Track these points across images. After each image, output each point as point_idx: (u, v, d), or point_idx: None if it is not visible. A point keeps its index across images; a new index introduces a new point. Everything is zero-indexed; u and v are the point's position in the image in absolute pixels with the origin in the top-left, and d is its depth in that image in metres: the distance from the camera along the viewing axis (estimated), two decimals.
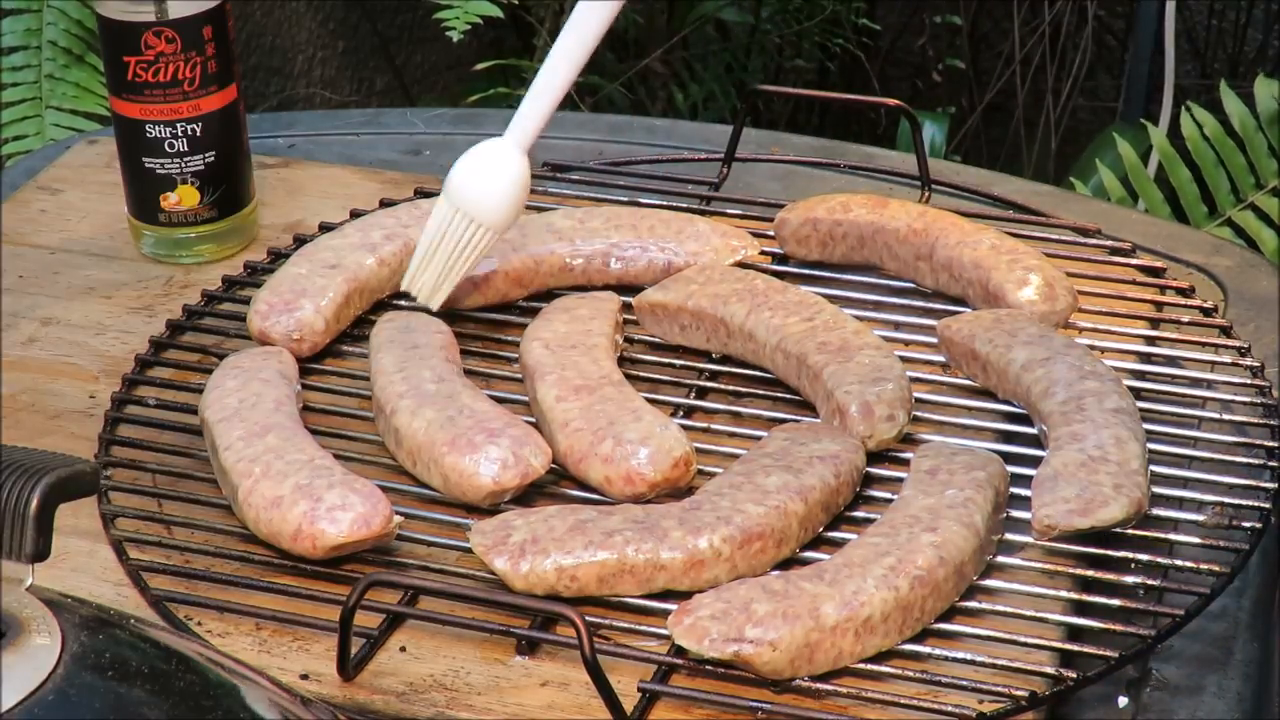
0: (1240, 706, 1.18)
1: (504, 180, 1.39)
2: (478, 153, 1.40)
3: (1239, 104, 2.46)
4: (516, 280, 1.51)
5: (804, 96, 3.72)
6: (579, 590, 1.19)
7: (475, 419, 1.29)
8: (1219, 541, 1.24)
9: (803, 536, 1.24)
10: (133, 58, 1.55)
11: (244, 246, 1.65)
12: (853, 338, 1.38)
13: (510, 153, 1.39)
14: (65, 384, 1.47)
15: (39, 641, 0.79)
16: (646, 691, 1.14)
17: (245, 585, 1.23)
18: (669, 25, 3.44)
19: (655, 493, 1.28)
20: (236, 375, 1.36)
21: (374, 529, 1.22)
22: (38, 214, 1.71)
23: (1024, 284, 1.44)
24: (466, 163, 1.40)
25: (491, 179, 1.39)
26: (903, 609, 1.15)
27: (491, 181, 1.39)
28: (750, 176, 1.74)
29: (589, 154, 1.79)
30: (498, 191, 1.38)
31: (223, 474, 1.29)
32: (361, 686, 1.16)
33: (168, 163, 1.59)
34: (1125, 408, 1.30)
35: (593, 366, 1.37)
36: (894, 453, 1.33)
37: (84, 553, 1.27)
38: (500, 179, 1.39)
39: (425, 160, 1.81)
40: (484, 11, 2.41)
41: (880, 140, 3.45)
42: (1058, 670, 1.14)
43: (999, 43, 3.71)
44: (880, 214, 1.53)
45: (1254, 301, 1.56)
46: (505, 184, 1.39)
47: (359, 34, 3.33)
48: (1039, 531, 1.22)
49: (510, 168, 1.39)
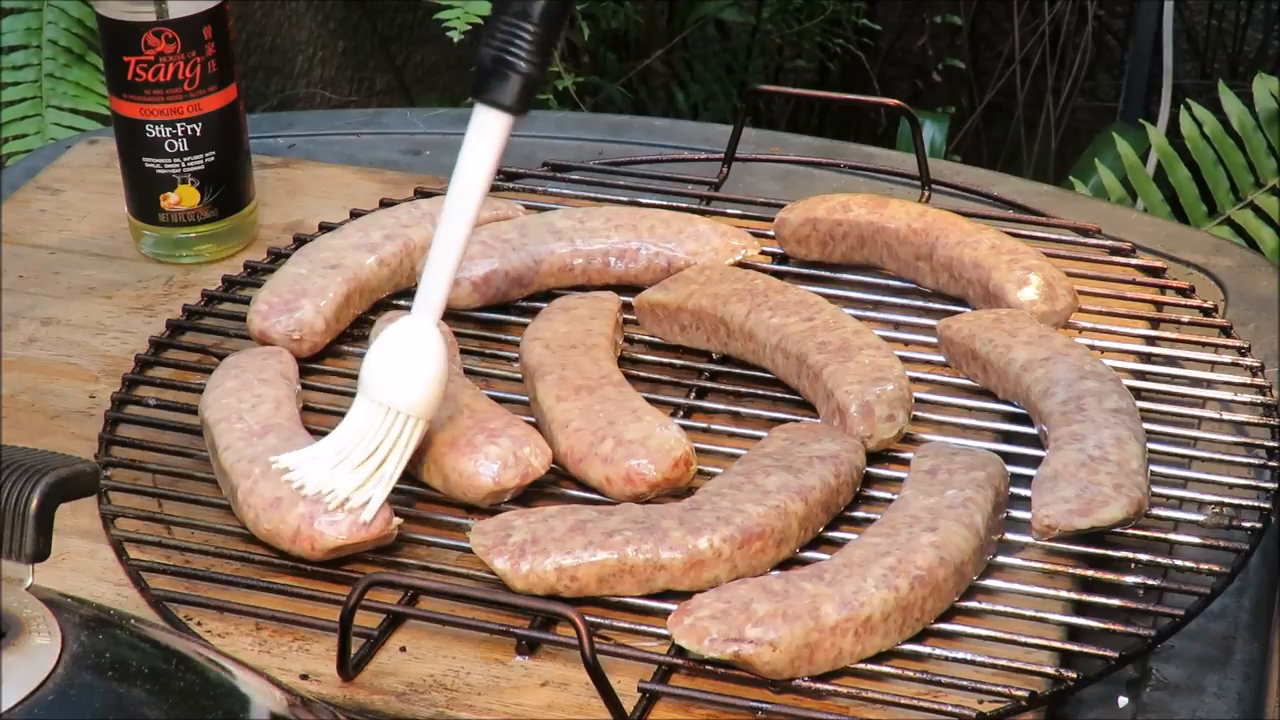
0: (1240, 706, 1.18)
1: (426, 363, 1.25)
2: (389, 339, 1.27)
3: (1237, 103, 2.46)
4: (516, 280, 1.51)
5: (804, 96, 3.72)
6: (579, 590, 1.19)
7: (475, 419, 1.29)
8: (1219, 541, 1.24)
9: (803, 536, 1.24)
10: (133, 58, 1.55)
11: (244, 246, 1.65)
12: (853, 338, 1.38)
13: (424, 330, 1.26)
14: (65, 384, 1.47)
15: (39, 641, 0.79)
16: (646, 691, 1.14)
17: (245, 585, 1.23)
18: (669, 25, 3.44)
19: (655, 493, 1.28)
20: (236, 375, 1.36)
21: (374, 530, 1.22)
22: (38, 214, 1.71)
23: (1024, 284, 1.44)
24: (380, 353, 1.26)
25: (411, 364, 1.25)
26: (903, 609, 1.15)
27: (412, 367, 1.25)
28: (750, 176, 1.74)
29: (589, 154, 1.79)
30: (422, 377, 1.25)
31: (222, 474, 1.29)
32: (361, 686, 1.16)
33: (168, 163, 1.59)
34: (1125, 408, 1.30)
35: (593, 366, 1.37)
36: (894, 453, 1.33)
37: (84, 553, 1.27)
38: (421, 362, 1.25)
39: (425, 160, 1.81)
40: (484, 11, 2.41)
41: (880, 140, 3.45)
42: (1058, 670, 1.14)
43: (999, 43, 3.71)
44: (880, 214, 1.53)
45: (1254, 301, 1.56)
46: (427, 367, 1.25)
47: (359, 34, 3.33)
48: (1039, 531, 1.22)
49: (428, 347, 1.26)
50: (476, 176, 1.25)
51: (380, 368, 1.26)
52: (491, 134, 1.24)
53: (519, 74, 1.22)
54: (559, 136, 1.85)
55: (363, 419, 1.25)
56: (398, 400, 1.24)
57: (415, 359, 1.25)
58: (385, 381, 1.25)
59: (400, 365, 1.25)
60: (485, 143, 1.24)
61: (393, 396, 1.25)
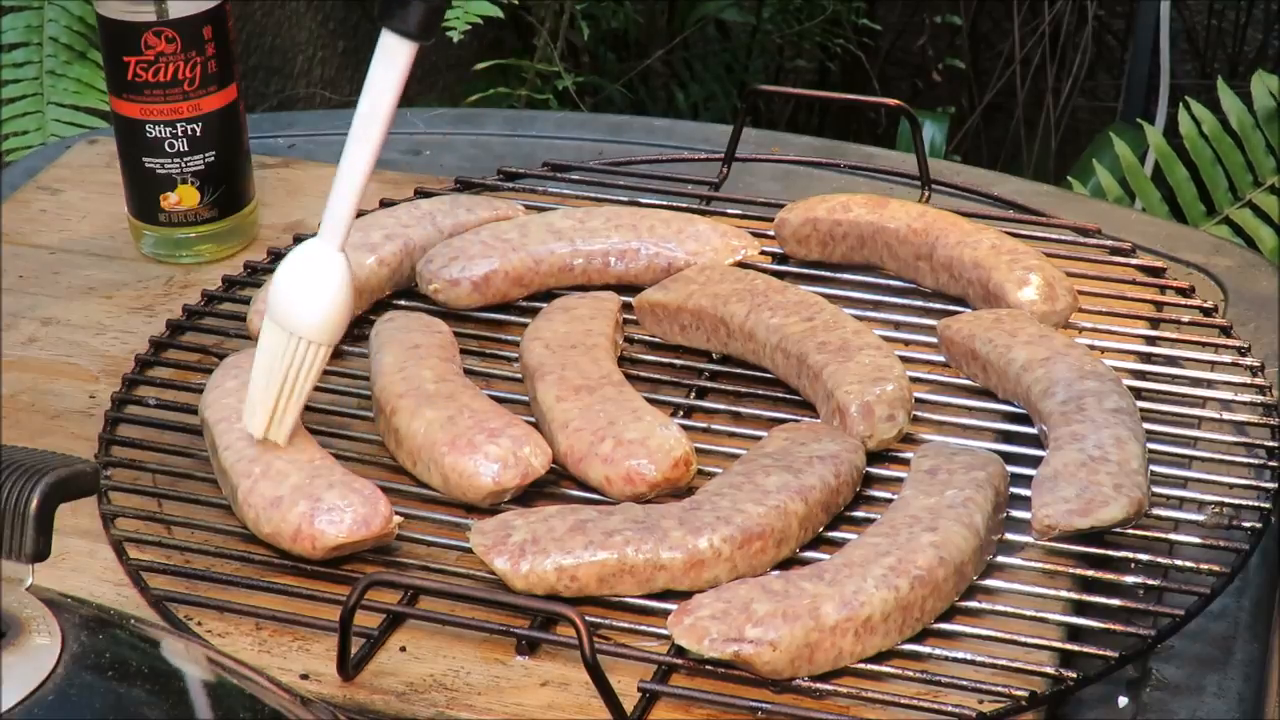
0: (1240, 706, 1.18)
1: (328, 288, 1.26)
2: (293, 263, 1.28)
3: (1236, 102, 2.46)
4: (516, 280, 1.51)
5: (804, 96, 3.73)
6: (579, 590, 1.19)
7: (475, 419, 1.29)
8: (1219, 541, 1.24)
9: (803, 536, 1.24)
10: (133, 58, 1.55)
11: (244, 246, 1.65)
12: (853, 338, 1.38)
13: (328, 254, 1.27)
14: (65, 384, 1.47)
15: (39, 641, 0.79)
16: (646, 691, 1.14)
17: (245, 585, 1.23)
18: (669, 25, 3.45)
19: (655, 493, 1.28)
20: (236, 375, 1.36)
21: (374, 529, 1.22)
22: (38, 214, 1.71)
23: (1024, 284, 1.44)
24: (283, 276, 1.28)
25: (313, 289, 1.26)
26: (903, 609, 1.15)
27: (314, 291, 1.26)
28: (750, 176, 1.74)
29: (589, 154, 1.79)
30: (323, 301, 1.26)
31: (222, 474, 1.29)
32: (361, 686, 1.16)
33: (168, 163, 1.59)
34: (1125, 408, 1.30)
35: (593, 366, 1.37)
36: (894, 453, 1.33)
37: (84, 553, 1.27)
38: (323, 287, 1.26)
39: (425, 160, 1.81)
40: (484, 11, 2.41)
41: (880, 140, 3.45)
42: (1058, 670, 1.14)
43: (999, 43, 3.71)
44: (880, 214, 1.53)
45: (1254, 301, 1.56)
46: (329, 292, 1.26)
47: (359, 34, 3.32)
48: (1039, 531, 1.22)
49: (331, 272, 1.26)
50: (381, 103, 1.25)
51: (283, 293, 1.27)
52: (396, 61, 1.24)
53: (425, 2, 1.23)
54: (559, 136, 1.85)
55: (270, 345, 1.27)
56: (299, 326, 1.26)
57: (317, 284, 1.26)
58: (288, 307, 1.27)
59: (302, 290, 1.26)
60: (390, 70, 1.24)
61: (295, 322, 1.26)
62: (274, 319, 1.27)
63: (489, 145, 1.83)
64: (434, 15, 1.24)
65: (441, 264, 1.50)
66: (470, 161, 1.79)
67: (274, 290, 1.28)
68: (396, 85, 1.25)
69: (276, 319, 1.27)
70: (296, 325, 1.26)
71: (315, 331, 1.26)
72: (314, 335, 1.26)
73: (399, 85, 1.25)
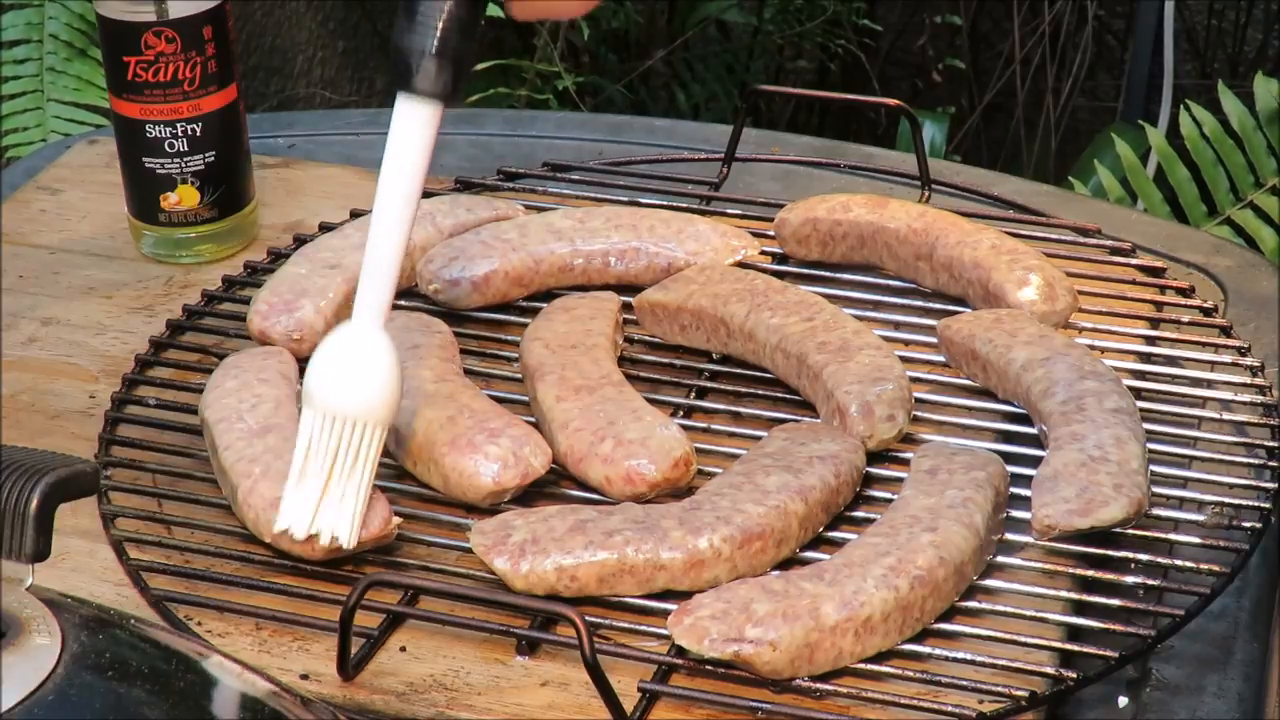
0: (1240, 706, 1.18)
1: (375, 367, 1.19)
2: (332, 347, 1.20)
3: (1237, 103, 2.46)
4: (516, 280, 1.51)
5: (804, 96, 3.73)
6: (579, 590, 1.19)
7: (475, 419, 1.29)
8: (1219, 541, 1.23)
9: (803, 536, 1.24)
10: (133, 58, 1.55)
11: (244, 246, 1.65)
12: (853, 338, 1.38)
13: (369, 334, 1.19)
14: (65, 384, 1.47)
15: (39, 641, 0.79)
16: (646, 691, 1.14)
17: (245, 585, 1.23)
18: (670, 26, 3.45)
19: (655, 493, 1.28)
20: (236, 375, 1.36)
21: (374, 529, 1.22)
22: (38, 214, 1.71)
23: (1024, 284, 1.44)
24: (324, 361, 1.19)
25: (362, 370, 1.19)
26: (903, 609, 1.15)
27: (363, 370, 1.18)
28: (750, 176, 1.74)
29: (589, 154, 1.79)
30: (375, 381, 1.18)
31: (222, 474, 1.29)
32: (361, 686, 1.16)
33: (168, 163, 1.59)
34: (1125, 408, 1.30)
35: (593, 366, 1.37)
36: (894, 453, 1.33)
37: (84, 553, 1.27)
38: (370, 366, 1.19)
39: None
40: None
41: (880, 140, 3.45)
42: (1058, 670, 1.14)
43: (999, 43, 3.71)
44: (880, 214, 1.53)
45: (1254, 301, 1.56)
46: (378, 370, 1.19)
47: (359, 34, 3.32)
48: (1039, 531, 1.22)
49: (376, 351, 1.19)
50: (410, 174, 1.17)
51: (327, 376, 1.19)
52: (423, 124, 1.16)
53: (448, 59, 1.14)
54: (559, 136, 1.85)
55: (315, 434, 1.19)
56: (350, 407, 1.18)
57: (365, 363, 1.19)
58: (341, 391, 1.18)
59: (350, 371, 1.19)
60: (417, 136, 1.16)
61: (344, 404, 1.18)
62: (317, 407, 1.18)
63: (489, 145, 1.83)
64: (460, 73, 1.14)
65: (441, 264, 1.50)
66: (470, 161, 1.79)
67: (316, 376, 1.19)
68: (427, 153, 1.16)
69: (320, 406, 1.18)
70: (346, 407, 1.18)
71: (373, 412, 1.18)
72: (371, 416, 1.18)
73: (428, 154, 1.17)
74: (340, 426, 1.18)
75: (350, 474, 1.19)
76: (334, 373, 1.19)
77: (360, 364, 1.19)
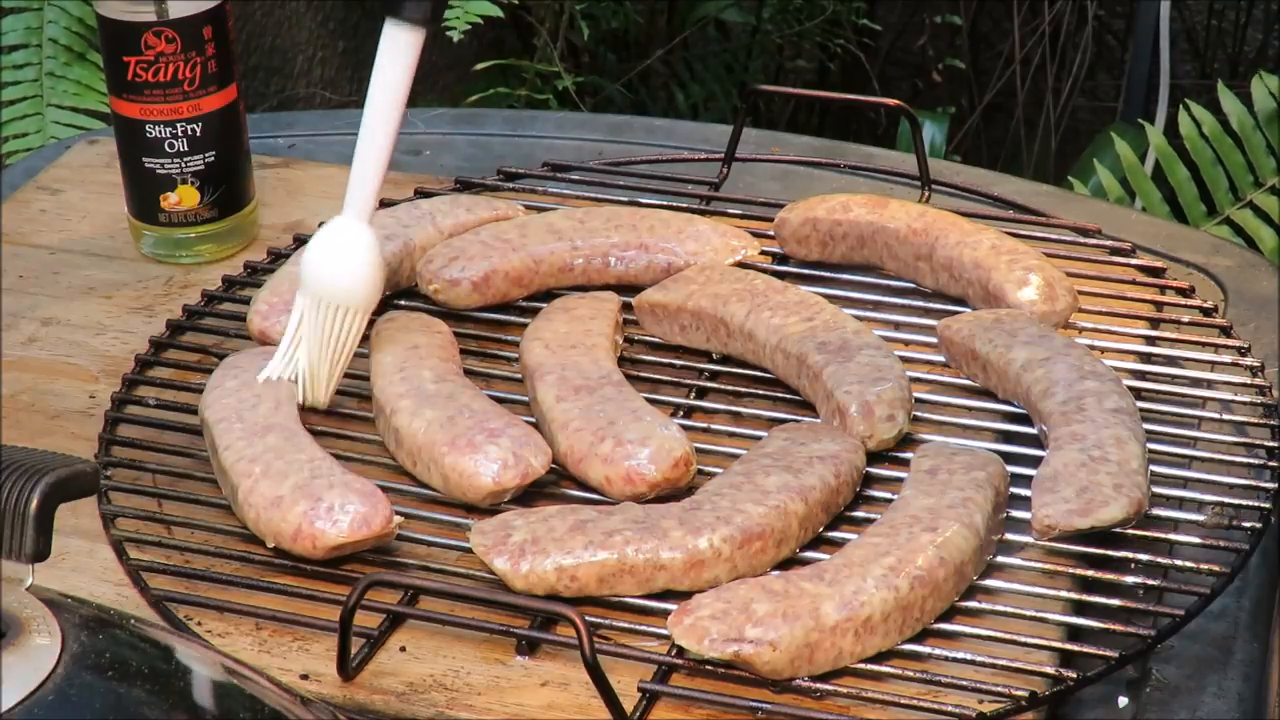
0: (1240, 706, 1.18)
1: (358, 256, 1.34)
2: (322, 238, 1.35)
3: (1236, 103, 2.46)
4: (516, 280, 1.51)
5: (804, 96, 3.73)
6: (579, 590, 1.19)
7: (475, 419, 1.30)
8: (1219, 541, 1.23)
9: (803, 536, 1.24)
10: (133, 58, 1.55)
11: (244, 246, 1.65)
12: (853, 338, 1.38)
13: (355, 227, 1.35)
14: (65, 384, 1.47)
15: (39, 641, 0.79)
16: (646, 691, 1.14)
17: (245, 585, 1.23)
18: (669, 25, 3.45)
19: (655, 493, 1.28)
20: (236, 375, 1.36)
21: (374, 529, 1.22)
22: (38, 214, 1.71)
23: (1024, 284, 1.44)
24: (315, 250, 1.35)
25: (346, 258, 1.34)
26: (903, 609, 1.15)
27: (348, 261, 1.34)
28: (750, 176, 1.74)
29: (589, 154, 1.79)
30: (356, 269, 1.34)
31: (223, 474, 1.29)
32: (361, 686, 1.16)
33: (168, 163, 1.59)
34: (1125, 408, 1.30)
35: (593, 366, 1.37)
36: (894, 453, 1.33)
37: (84, 553, 1.27)
38: (354, 256, 1.34)
39: (425, 160, 1.81)
40: (484, 11, 2.41)
41: (880, 140, 3.45)
42: (1058, 670, 1.14)
43: (999, 43, 3.72)
44: (880, 214, 1.53)
45: (1254, 301, 1.56)
46: (361, 260, 1.34)
47: (359, 34, 3.32)
48: (1039, 531, 1.22)
49: (360, 242, 1.35)
50: (395, 89, 1.32)
51: (318, 266, 1.34)
52: (406, 49, 1.32)
53: None
54: (559, 136, 1.85)
55: (308, 313, 1.34)
56: (338, 294, 1.33)
57: (349, 254, 1.34)
58: (324, 279, 1.34)
59: (336, 262, 1.34)
60: (402, 58, 1.32)
61: (333, 291, 1.33)
62: (310, 293, 1.34)
63: (489, 145, 1.83)
64: (440, 3, 1.31)
65: (441, 264, 1.50)
66: (470, 161, 1.79)
67: (307, 265, 1.35)
68: (409, 72, 1.32)
69: (313, 292, 1.34)
70: (335, 294, 1.33)
71: (353, 297, 1.34)
72: (352, 301, 1.34)
73: (411, 73, 1.32)
74: (327, 309, 1.34)
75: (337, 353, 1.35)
76: (322, 262, 1.35)
77: (346, 254, 1.34)
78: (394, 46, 1.32)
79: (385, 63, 1.32)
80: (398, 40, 1.32)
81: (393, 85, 1.32)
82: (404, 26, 1.31)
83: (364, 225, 1.35)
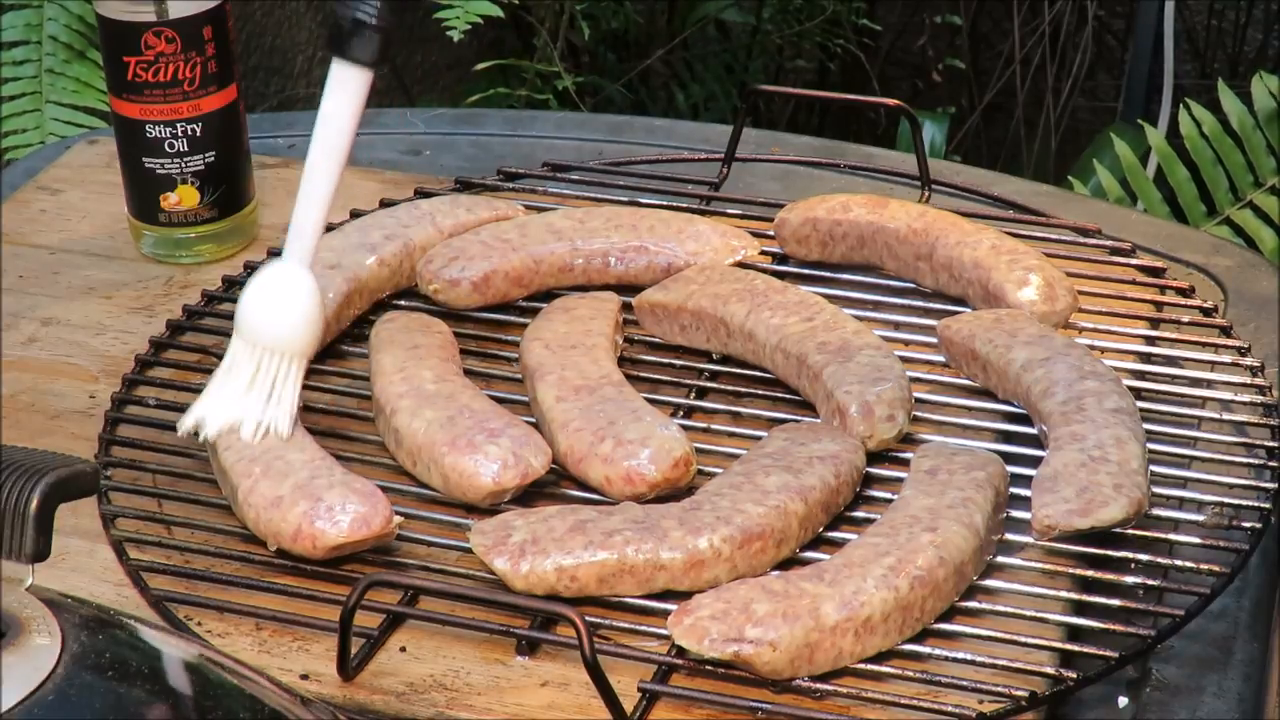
0: (1240, 706, 1.18)
1: (299, 303, 1.30)
2: (262, 282, 1.31)
3: (1237, 103, 2.45)
4: (516, 280, 1.51)
5: (804, 96, 3.72)
6: (579, 590, 1.19)
7: (475, 419, 1.30)
8: (1219, 541, 1.24)
9: (803, 536, 1.24)
10: (133, 58, 1.55)
11: (244, 246, 1.65)
12: (853, 338, 1.38)
13: (295, 272, 1.31)
14: (65, 384, 1.47)
15: (39, 641, 0.79)
16: (646, 691, 1.14)
17: (245, 585, 1.23)
18: (669, 26, 3.45)
19: (655, 493, 1.28)
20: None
21: (374, 529, 1.22)
22: (38, 214, 1.71)
23: (1024, 284, 1.44)
24: (253, 295, 1.31)
25: (284, 303, 1.30)
26: (903, 609, 1.15)
27: (285, 306, 1.30)
28: (750, 176, 1.74)
29: (589, 154, 1.79)
30: (295, 315, 1.30)
31: (222, 474, 1.29)
32: (361, 686, 1.16)
33: (168, 163, 1.59)
34: (1125, 408, 1.30)
35: (593, 366, 1.37)
36: (894, 453, 1.33)
37: (84, 553, 1.27)
38: (294, 302, 1.30)
39: (425, 160, 1.81)
40: (484, 11, 2.41)
41: (880, 140, 3.45)
42: (1058, 670, 1.14)
43: (999, 43, 3.71)
44: (880, 214, 1.53)
45: (1254, 301, 1.56)
46: (301, 306, 1.30)
47: None
48: (1039, 531, 1.22)
49: (300, 288, 1.31)
50: (341, 131, 1.30)
51: (254, 309, 1.30)
52: (353, 90, 1.29)
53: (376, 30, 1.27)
54: (559, 136, 1.85)
55: (242, 360, 1.30)
56: (271, 340, 1.29)
57: (287, 299, 1.30)
58: (263, 323, 1.30)
59: (272, 306, 1.30)
60: (347, 98, 1.29)
61: (266, 337, 1.29)
62: (244, 335, 1.30)
63: (489, 145, 1.83)
64: (389, 44, 1.28)
65: (441, 264, 1.50)
66: (470, 161, 1.79)
67: (244, 308, 1.31)
68: (356, 114, 1.29)
69: (247, 335, 1.30)
70: (272, 340, 1.29)
71: (292, 344, 1.30)
72: (290, 348, 1.30)
73: (358, 114, 1.29)
74: (263, 354, 1.30)
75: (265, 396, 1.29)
76: (260, 306, 1.31)
77: (285, 300, 1.31)
78: (341, 87, 1.29)
79: (331, 104, 1.29)
80: (345, 81, 1.29)
81: (339, 128, 1.29)
82: (351, 66, 1.28)
83: (305, 270, 1.31)
